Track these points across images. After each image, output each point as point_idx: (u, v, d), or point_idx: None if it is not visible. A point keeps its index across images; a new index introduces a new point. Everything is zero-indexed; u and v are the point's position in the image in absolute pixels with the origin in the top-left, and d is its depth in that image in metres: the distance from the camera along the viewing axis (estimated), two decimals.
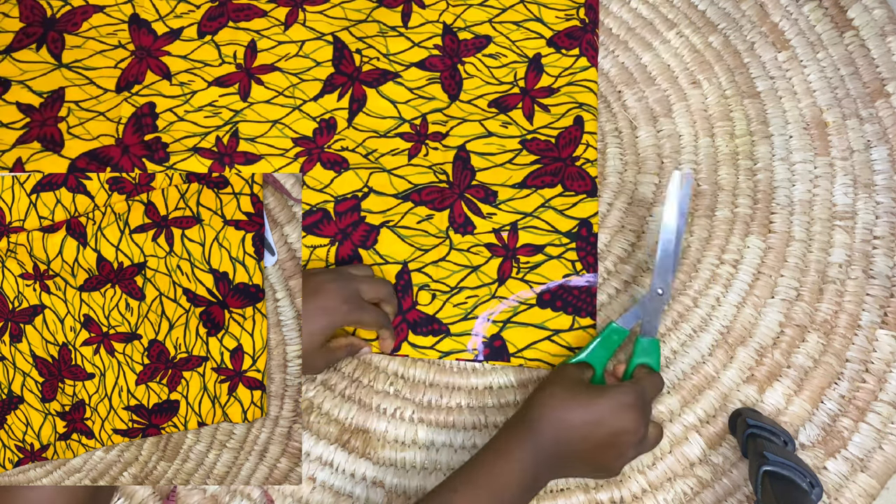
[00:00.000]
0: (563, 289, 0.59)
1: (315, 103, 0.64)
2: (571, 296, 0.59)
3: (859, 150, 0.61)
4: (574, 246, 0.60)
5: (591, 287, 0.59)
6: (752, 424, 0.52)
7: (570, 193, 0.61)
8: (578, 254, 0.60)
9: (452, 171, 0.62)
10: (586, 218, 0.60)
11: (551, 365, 0.58)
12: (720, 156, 0.62)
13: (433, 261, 0.60)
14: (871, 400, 0.55)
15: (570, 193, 0.61)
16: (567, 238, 0.60)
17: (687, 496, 0.54)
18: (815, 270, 0.58)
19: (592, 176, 0.61)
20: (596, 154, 0.62)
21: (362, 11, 0.66)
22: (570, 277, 0.59)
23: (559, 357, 0.58)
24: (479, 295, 0.59)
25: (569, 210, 0.61)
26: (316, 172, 0.62)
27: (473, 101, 0.64)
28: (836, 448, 0.54)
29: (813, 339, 0.57)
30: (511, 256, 0.60)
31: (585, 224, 0.60)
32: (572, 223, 0.60)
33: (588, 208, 0.61)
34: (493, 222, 0.61)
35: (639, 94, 0.64)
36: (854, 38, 0.63)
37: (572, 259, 0.60)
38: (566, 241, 0.60)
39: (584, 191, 0.61)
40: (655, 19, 0.66)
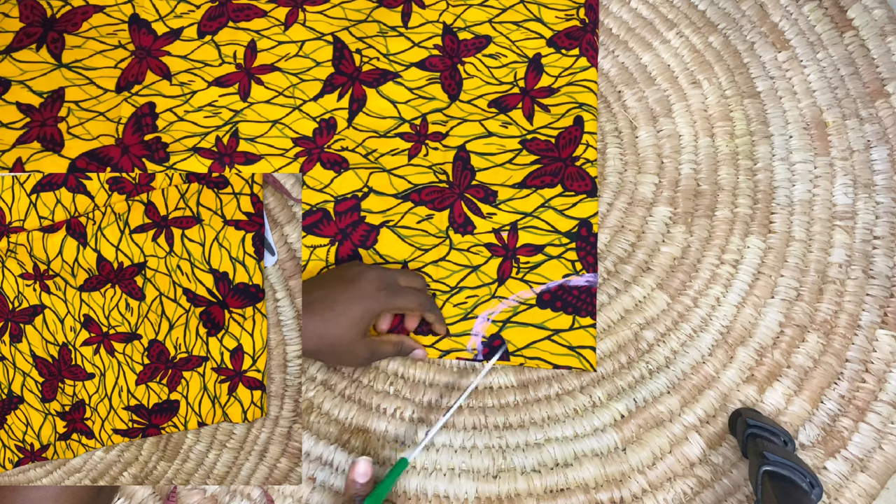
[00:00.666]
0: (563, 289, 0.59)
1: (315, 103, 0.64)
2: (571, 296, 0.59)
3: (859, 150, 0.61)
4: (574, 246, 0.60)
5: (591, 287, 0.59)
6: (752, 424, 0.52)
7: (569, 193, 0.61)
8: (578, 253, 0.60)
9: (452, 171, 0.62)
10: (586, 218, 0.60)
11: (551, 364, 0.58)
12: (720, 156, 0.62)
13: (433, 260, 0.60)
14: (871, 400, 0.55)
15: (570, 193, 0.61)
16: (567, 238, 0.60)
17: (687, 496, 0.54)
18: (815, 270, 0.58)
19: (592, 176, 0.61)
20: (596, 154, 0.62)
21: (362, 11, 0.66)
22: (570, 277, 0.59)
23: (559, 356, 0.58)
24: (478, 295, 0.59)
25: (569, 210, 0.61)
26: (316, 172, 0.62)
27: (473, 101, 0.64)
28: (836, 448, 0.54)
29: (813, 339, 0.57)
30: (511, 256, 0.60)
31: (585, 224, 0.60)
32: (572, 223, 0.60)
33: (588, 208, 0.61)
34: (492, 222, 0.61)
35: (639, 94, 0.64)
36: (854, 38, 0.63)
37: (572, 259, 0.60)
38: (566, 241, 0.60)
39: (584, 191, 0.61)
40: (655, 19, 0.66)
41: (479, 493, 0.54)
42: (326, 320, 0.51)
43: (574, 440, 0.56)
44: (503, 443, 0.56)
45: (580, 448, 0.55)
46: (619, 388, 0.57)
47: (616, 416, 0.56)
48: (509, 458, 0.55)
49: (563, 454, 0.55)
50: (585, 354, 0.57)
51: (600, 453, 0.55)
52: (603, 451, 0.55)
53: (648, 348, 0.58)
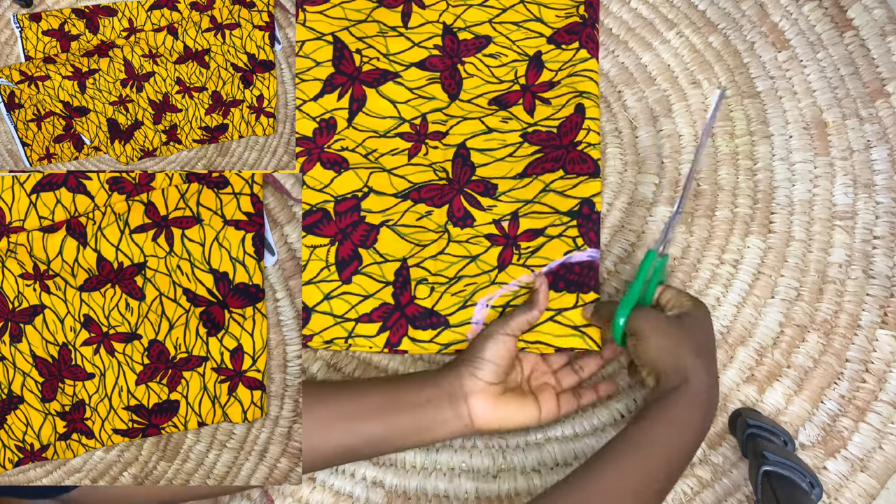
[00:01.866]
0: (565, 267, 0.56)
1: (315, 103, 0.64)
2: (573, 273, 0.56)
3: (859, 150, 0.61)
4: (575, 223, 0.57)
5: (594, 261, 0.56)
6: (752, 424, 0.51)
7: (571, 176, 0.59)
8: (580, 230, 0.57)
9: (452, 169, 0.62)
10: (588, 197, 0.58)
11: (554, 347, 0.55)
12: (720, 156, 0.62)
13: (431, 255, 0.60)
14: (871, 400, 0.55)
15: (572, 176, 0.59)
16: (567, 217, 0.58)
17: (687, 496, 0.54)
18: (815, 270, 0.58)
19: (595, 158, 0.59)
20: (598, 138, 0.60)
21: (362, 11, 0.66)
22: (572, 253, 0.57)
23: (562, 338, 0.55)
24: (477, 283, 0.58)
25: (570, 191, 0.58)
26: (316, 172, 0.62)
27: (473, 99, 0.64)
28: (836, 448, 0.54)
29: (813, 339, 0.57)
30: (512, 244, 0.59)
31: (587, 203, 0.58)
32: (573, 202, 0.58)
33: (590, 188, 0.58)
34: (493, 213, 0.60)
35: (639, 94, 0.64)
36: (854, 38, 0.63)
37: (573, 235, 0.57)
38: (566, 219, 0.58)
39: (587, 172, 0.58)
40: (655, 19, 0.66)
41: (479, 492, 0.54)
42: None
43: (574, 440, 0.56)
44: (503, 443, 0.56)
45: (580, 448, 0.55)
46: (619, 388, 0.57)
47: (616, 416, 0.56)
48: (509, 458, 0.55)
49: (563, 454, 0.55)
50: (590, 332, 0.55)
51: None
52: None
53: None
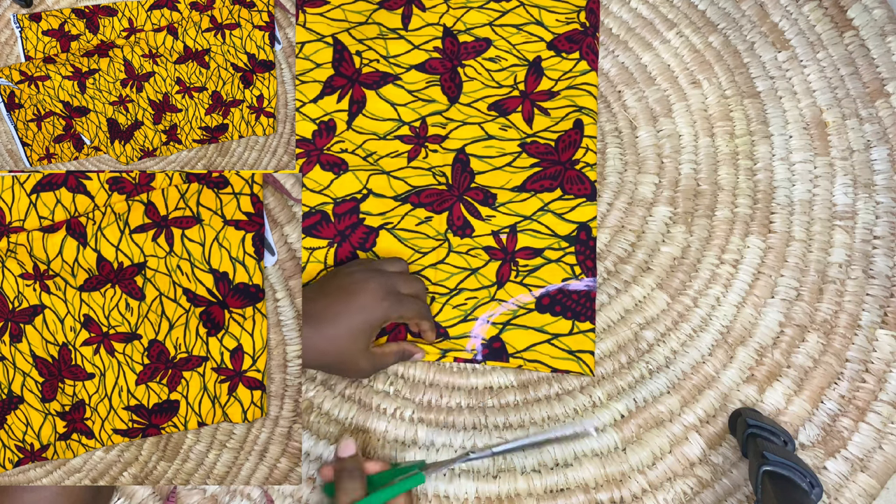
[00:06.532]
0: (563, 293, 0.59)
1: (314, 105, 0.64)
2: (570, 300, 0.59)
3: (859, 150, 0.61)
4: (573, 250, 0.60)
5: (591, 292, 0.59)
6: (752, 424, 0.51)
7: (569, 197, 0.61)
8: (577, 258, 0.60)
9: (452, 174, 0.62)
10: (585, 222, 0.60)
11: (550, 367, 0.58)
12: (720, 156, 0.62)
13: (431, 263, 0.60)
14: (871, 400, 0.55)
15: (570, 197, 0.61)
16: (566, 242, 0.60)
17: (687, 496, 0.54)
18: (815, 270, 0.58)
19: (592, 180, 0.61)
20: (595, 158, 0.62)
21: (362, 13, 0.66)
22: (570, 281, 0.59)
23: (558, 360, 0.58)
24: (478, 297, 0.59)
25: (568, 214, 0.60)
26: (315, 174, 0.62)
27: (473, 103, 0.64)
28: (836, 448, 0.54)
29: (813, 339, 0.57)
30: (510, 260, 0.60)
31: (584, 228, 0.60)
32: (571, 227, 0.60)
33: (587, 212, 0.60)
34: (491, 224, 0.61)
35: (639, 94, 0.64)
36: (854, 38, 0.63)
37: (571, 263, 0.59)
38: (565, 244, 0.60)
39: (584, 194, 0.61)
40: (655, 19, 0.66)
41: (479, 493, 0.54)
42: (329, 335, 0.51)
43: (574, 440, 0.56)
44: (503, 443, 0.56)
45: (580, 448, 0.55)
46: (619, 388, 0.57)
47: (616, 416, 0.56)
48: (509, 458, 0.55)
49: (563, 454, 0.55)
50: (584, 359, 0.57)
51: (600, 453, 0.55)
52: (603, 451, 0.55)
53: (648, 348, 0.58)
